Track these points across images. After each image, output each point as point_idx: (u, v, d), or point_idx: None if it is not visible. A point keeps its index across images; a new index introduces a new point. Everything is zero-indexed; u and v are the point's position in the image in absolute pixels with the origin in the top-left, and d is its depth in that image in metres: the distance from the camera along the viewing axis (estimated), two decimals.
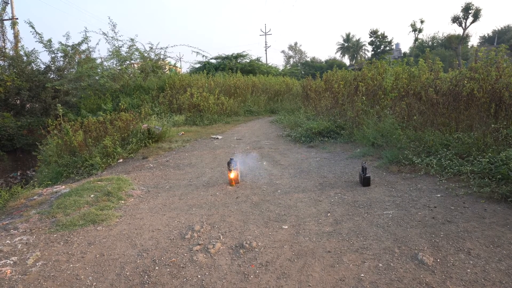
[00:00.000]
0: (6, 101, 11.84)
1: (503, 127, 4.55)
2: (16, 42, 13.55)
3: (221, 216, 3.53)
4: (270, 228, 3.18)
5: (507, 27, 38.17)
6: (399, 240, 2.78)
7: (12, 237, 3.17)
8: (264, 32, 42.01)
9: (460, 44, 28.86)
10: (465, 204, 3.39)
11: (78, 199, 3.98)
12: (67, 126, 7.04)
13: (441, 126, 5.39)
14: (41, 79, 12.24)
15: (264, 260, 2.61)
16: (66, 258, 2.78)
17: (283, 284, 2.31)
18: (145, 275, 2.50)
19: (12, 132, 10.84)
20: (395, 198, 3.73)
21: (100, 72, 13.00)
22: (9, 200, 4.30)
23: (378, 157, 5.39)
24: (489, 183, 3.65)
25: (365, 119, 6.73)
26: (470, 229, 2.87)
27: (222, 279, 2.40)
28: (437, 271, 2.32)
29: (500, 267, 2.31)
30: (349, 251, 2.67)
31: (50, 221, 3.48)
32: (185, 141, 7.90)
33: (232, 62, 20.41)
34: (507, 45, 6.00)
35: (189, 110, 11.31)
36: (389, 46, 35.82)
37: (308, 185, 4.43)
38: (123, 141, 7.22)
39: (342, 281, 2.29)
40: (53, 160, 6.68)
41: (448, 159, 4.45)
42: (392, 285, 2.21)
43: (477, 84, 5.35)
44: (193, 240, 3.01)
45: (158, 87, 12.83)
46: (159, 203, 4.01)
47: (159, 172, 5.44)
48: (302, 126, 7.89)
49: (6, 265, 2.67)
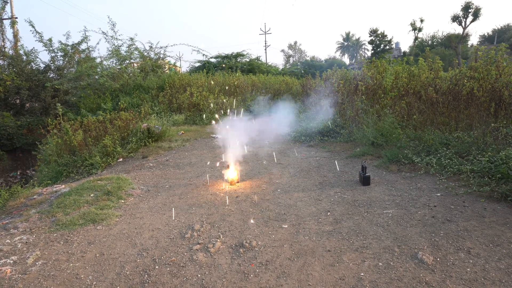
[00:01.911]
0: (5, 100, 11.83)
1: (503, 126, 4.55)
2: (16, 42, 13.54)
3: (221, 215, 3.53)
4: (270, 227, 3.18)
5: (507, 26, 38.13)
6: (399, 239, 2.78)
7: (12, 236, 3.17)
8: (264, 31, 41.96)
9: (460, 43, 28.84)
10: (465, 203, 3.40)
11: (78, 198, 3.98)
12: (66, 125, 7.03)
13: (441, 125, 5.39)
14: (40, 78, 12.23)
15: (264, 259, 2.61)
16: (66, 257, 2.78)
17: (283, 283, 2.31)
18: (145, 274, 2.50)
19: (12, 131, 10.84)
20: (395, 197, 3.74)
21: (99, 71, 12.99)
22: (9, 200, 4.29)
23: (378, 156, 5.39)
24: (489, 182, 3.65)
25: (364, 118, 6.72)
26: (470, 228, 2.87)
27: (222, 278, 2.40)
28: (437, 270, 2.33)
29: (500, 266, 2.31)
30: (349, 250, 2.67)
31: (50, 221, 3.48)
32: (185, 140, 7.90)
33: (232, 61, 20.38)
34: (507, 44, 6.00)
35: (188, 109, 11.30)
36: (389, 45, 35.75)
37: (308, 184, 4.43)
38: (123, 141, 7.22)
39: (342, 280, 2.29)
40: (53, 160, 6.67)
41: (448, 158, 4.45)
42: (392, 284, 2.21)
43: (477, 83, 5.35)
44: (193, 239, 3.01)
45: (157, 87, 12.82)
46: (159, 203, 4.01)
47: (159, 172, 5.44)
48: (302, 125, 7.89)
49: (6, 265, 2.67)
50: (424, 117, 5.72)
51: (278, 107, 13.63)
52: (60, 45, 12.91)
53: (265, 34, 42.01)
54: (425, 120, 5.67)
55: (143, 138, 7.28)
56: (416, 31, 32.01)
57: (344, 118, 7.50)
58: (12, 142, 10.92)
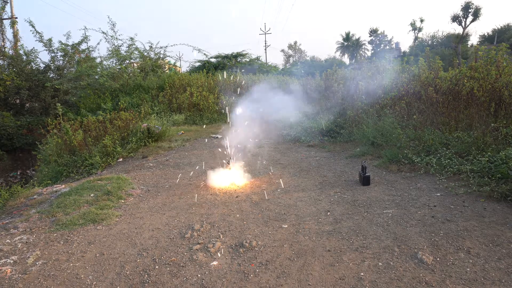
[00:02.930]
0: (5, 100, 11.83)
1: (502, 126, 4.55)
2: (16, 41, 13.54)
3: (221, 215, 3.53)
4: (270, 227, 3.18)
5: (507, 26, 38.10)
6: (399, 239, 2.78)
7: (12, 236, 3.17)
8: (263, 31, 41.98)
9: (460, 43, 28.83)
10: (465, 203, 3.40)
11: (78, 198, 3.98)
12: (66, 125, 7.03)
13: (440, 125, 5.39)
14: (40, 78, 12.23)
15: (264, 259, 2.61)
16: (66, 257, 2.78)
17: (283, 283, 2.31)
18: (145, 274, 2.50)
19: (12, 131, 10.84)
20: (394, 197, 3.74)
21: (99, 71, 12.99)
22: (9, 200, 4.30)
23: (377, 156, 5.39)
24: (488, 182, 3.65)
25: (364, 118, 6.72)
26: (469, 228, 2.87)
27: (222, 278, 2.40)
28: (436, 270, 2.33)
29: (500, 266, 2.31)
30: (349, 250, 2.67)
31: (50, 220, 3.48)
32: (184, 140, 7.90)
33: (232, 61, 20.38)
34: (507, 44, 6.00)
35: (188, 109, 11.31)
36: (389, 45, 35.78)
37: (308, 184, 4.43)
38: (123, 141, 7.22)
39: (342, 280, 2.30)
40: (53, 160, 6.68)
41: (448, 158, 4.45)
42: (391, 284, 2.22)
43: (477, 83, 5.35)
44: (193, 239, 3.01)
45: (157, 86, 12.82)
46: (159, 202, 4.01)
47: (159, 172, 5.44)
48: (302, 125, 7.90)
49: (6, 264, 2.67)
50: (424, 117, 5.72)
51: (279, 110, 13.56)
52: (60, 45, 12.91)
53: (265, 34, 42.03)
54: (425, 120, 5.67)
55: (143, 138, 7.28)
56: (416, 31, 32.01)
57: (344, 118, 7.50)
58: (12, 142, 10.93)
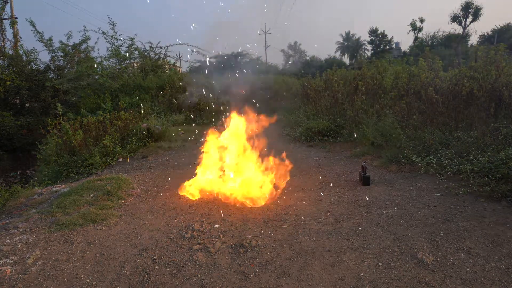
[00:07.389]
0: (5, 100, 11.81)
1: (502, 126, 4.55)
2: (16, 41, 13.52)
3: (221, 215, 3.53)
4: (270, 227, 3.18)
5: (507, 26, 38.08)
6: (399, 239, 2.78)
7: (12, 236, 3.17)
8: (263, 31, 41.99)
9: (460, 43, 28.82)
10: (465, 203, 3.39)
11: (78, 198, 3.98)
12: (66, 125, 7.02)
13: (440, 125, 5.39)
14: (40, 78, 12.21)
15: (264, 259, 2.61)
16: (66, 257, 2.78)
17: (283, 283, 2.31)
18: (145, 274, 2.50)
19: (12, 131, 10.81)
20: (394, 197, 3.73)
21: (99, 71, 12.98)
22: (9, 200, 4.29)
23: (377, 156, 5.39)
24: (488, 182, 3.65)
25: (364, 118, 6.72)
26: (469, 228, 2.87)
27: (222, 278, 2.40)
28: (436, 270, 2.33)
29: (500, 266, 2.31)
30: (349, 250, 2.67)
31: (50, 221, 3.48)
32: (185, 140, 7.90)
33: (232, 61, 20.37)
34: (506, 44, 6.00)
35: (188, 109, 11.31)
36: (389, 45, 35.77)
37: (308, 184, 4.43)
38: (123, 141, 7.21)
39: (342, 280, 2.29)
40: (52, 160, 6.67)
41: (448, 158, 4.45)
42: (392, 284, 2.21)
43: (477, 83, 5.35)
44: (193, 239, 3.01)
45: (157, 86, 12.81)
46: (159, 202, 4.01)
47: (159, 172, 5.44)
48: (301, 125, 7.89)
49: (6, 265, 2.67)
50: (424, 117, 5.72)
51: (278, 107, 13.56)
52: (60, 45, 12.89)
53: (265, 34, 42.03)
54: (425, 120, 5.66)
55: (143, 138, 7.28)
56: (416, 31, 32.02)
57: (344, 118, 7.50)
58: (12, 142, 10.90)
